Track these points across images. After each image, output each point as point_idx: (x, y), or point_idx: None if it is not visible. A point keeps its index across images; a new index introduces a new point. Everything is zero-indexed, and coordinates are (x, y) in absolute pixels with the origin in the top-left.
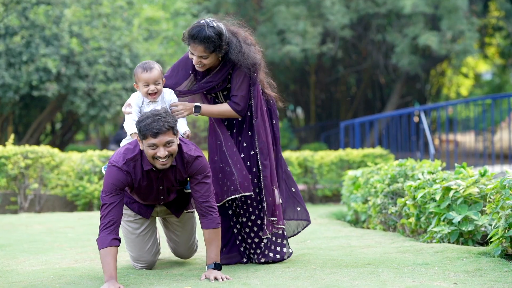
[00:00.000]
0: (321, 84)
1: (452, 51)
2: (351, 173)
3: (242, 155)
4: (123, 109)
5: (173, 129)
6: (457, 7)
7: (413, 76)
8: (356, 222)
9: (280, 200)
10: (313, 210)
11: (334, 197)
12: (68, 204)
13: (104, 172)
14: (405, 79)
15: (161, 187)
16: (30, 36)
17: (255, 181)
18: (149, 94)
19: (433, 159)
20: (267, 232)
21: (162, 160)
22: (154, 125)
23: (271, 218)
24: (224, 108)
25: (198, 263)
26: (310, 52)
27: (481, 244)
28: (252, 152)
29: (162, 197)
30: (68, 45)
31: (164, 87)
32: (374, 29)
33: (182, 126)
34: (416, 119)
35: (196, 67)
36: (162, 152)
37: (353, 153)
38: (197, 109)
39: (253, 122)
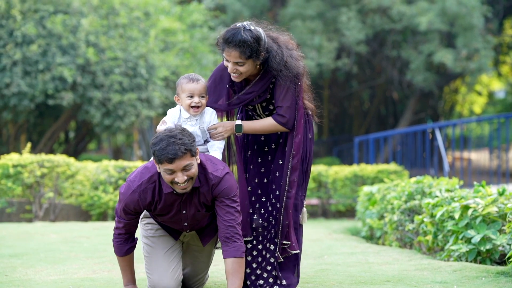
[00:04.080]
0: (335, 99)
1: (467, 68)
2: (366, 189)
3: (276, 174)
4: (158, 127)
5: (191, 151)
6: (472, 25)
7: (426, 92)
8: (370, 238)
9: (305, 221)
10: (327, 225)
11: (348, 213)
12: (83, 214)
13: None
14: (419, 96)
15: (184, 212)
16: (47, 45)
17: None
18: (192, 107)
19: (447, 177)
20: (280, 256)
21: (181, 185)
22: (169, 150)
23: (285, 242)
24: (268, 123)
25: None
26: (325, 67)
27: (499, 264)
28: (285, 170)
29: (185, 224)
30: (84, 55)
31: None
32: (389, 45)
33: (216, 152)
34: (430, 136)
35: (231, 76)
36: (180, 177)
37: (368, 169)
38: (239, 128)
39: (294, 139)
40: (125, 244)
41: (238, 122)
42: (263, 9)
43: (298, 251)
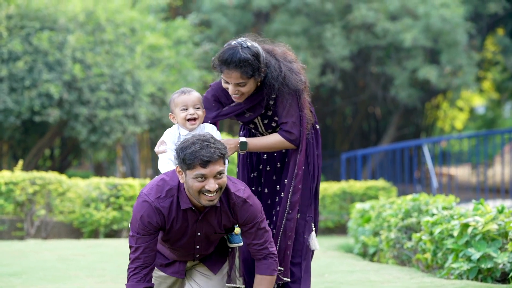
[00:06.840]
0: (318, 115)
1: (451, 84)
2: (359, 206)
3: (282, 195)
4: (156, 148)
5: (223, 158)
6: (456, 42)
7: (409, 109)
8: (363, 255)
9: (317, 246)
10: (319, 242)
11: (337, 229)
12: (74, 231)
13: None
14: (402, 112)
15: (198, 234)
16: (33, 61)
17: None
18: (188, 120)
19: (435, 193)
20: None
21: (210, 194)
22: (204, 152)
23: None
24: (275, 139)
25: None
26: (309, 83)
27: (500, 282)
28: (287, 190)
29: (198, 247)
30: (70, 71)
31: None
32: (373, 61)
33: None
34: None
35: (233, 97)
36: (212, 184)
37: (356, 185)
38: (243, 146)
39: (298, 157)
40: (142, 282)
41: (243, 139)
42: (247, 24)
43: (289, 279)
